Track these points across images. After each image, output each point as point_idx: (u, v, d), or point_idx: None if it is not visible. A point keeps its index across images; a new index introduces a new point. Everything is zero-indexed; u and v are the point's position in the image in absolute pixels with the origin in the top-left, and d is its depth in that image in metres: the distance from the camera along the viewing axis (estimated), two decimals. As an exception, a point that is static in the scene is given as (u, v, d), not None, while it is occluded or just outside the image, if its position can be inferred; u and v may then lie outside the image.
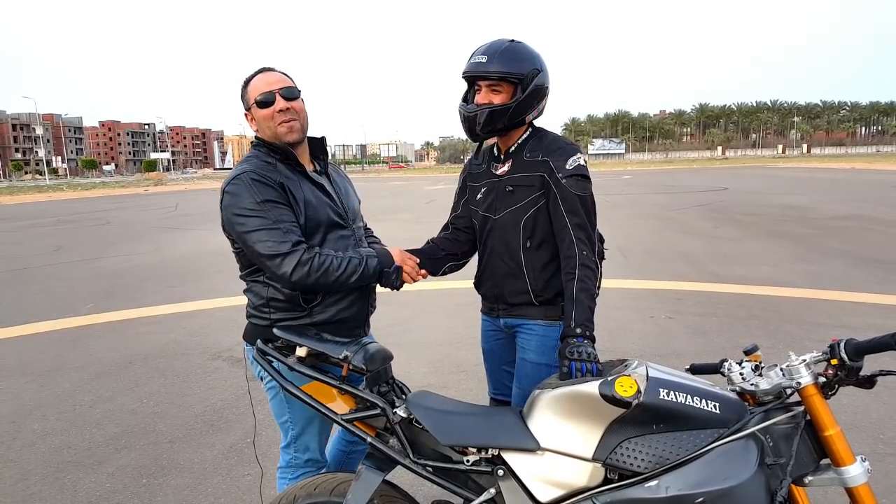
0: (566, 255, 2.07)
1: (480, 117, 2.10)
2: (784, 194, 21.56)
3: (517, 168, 2.19)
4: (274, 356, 1.89)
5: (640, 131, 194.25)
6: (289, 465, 2.24)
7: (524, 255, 2.18)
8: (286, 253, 1.90)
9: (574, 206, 2.08)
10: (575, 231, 2.06)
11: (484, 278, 2.34)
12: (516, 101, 2.08)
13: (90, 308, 7.28)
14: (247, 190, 1.95)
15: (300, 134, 2.08)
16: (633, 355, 4.88)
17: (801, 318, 5.80)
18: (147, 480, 3.22)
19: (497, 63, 2.05)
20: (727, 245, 10.52)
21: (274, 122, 2.03)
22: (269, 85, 2.05)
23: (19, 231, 17.30)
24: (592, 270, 2.04)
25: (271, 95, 2.03)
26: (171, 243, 13.07)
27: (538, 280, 2.17)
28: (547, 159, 2.12)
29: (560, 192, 2.09)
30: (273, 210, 1.94)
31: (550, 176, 2.11)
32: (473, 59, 2.10)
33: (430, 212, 18.81)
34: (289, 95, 2.05)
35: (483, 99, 2.11)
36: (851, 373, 1.55)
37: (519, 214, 2.17)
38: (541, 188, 2.13)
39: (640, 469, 1.59)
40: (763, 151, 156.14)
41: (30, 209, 27.22)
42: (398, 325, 5.98)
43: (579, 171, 2.11)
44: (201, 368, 4.95)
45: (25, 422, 4.01)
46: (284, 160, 2.06)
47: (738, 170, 50.11)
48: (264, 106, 2.03)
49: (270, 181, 1.98)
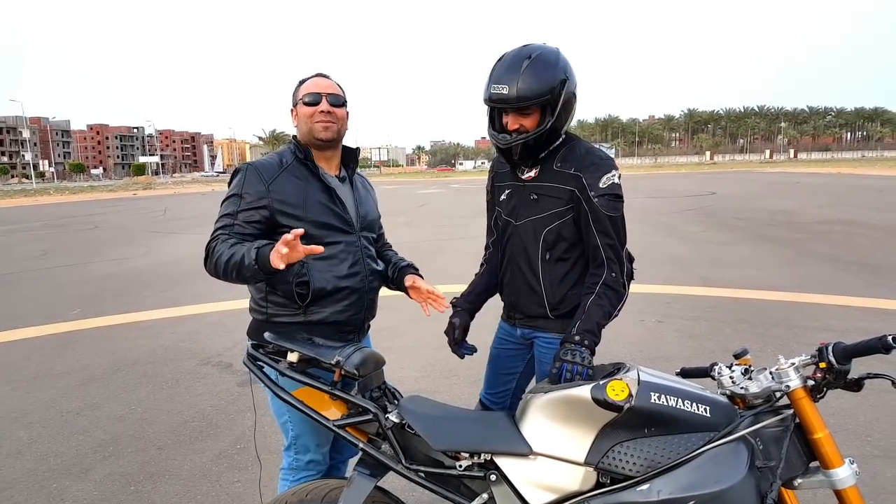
0: (594, 272, 2.06)
1: (516, 150, 2.04)
2: (772, 198, 21.75)
3: (545, 177, 2.12)
4: (265, 362, 1.88)
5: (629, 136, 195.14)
6: (290, 468, 2.23)
7: (542, 268, 2.14)
8: (208, 241, 2.05)
9: (606, 226, 2.03)
10: (606, 252, 2.04)
11: (503, 284, 2.31)
12: (549, 123, 1.99)
13: (77, 313, 7.22)
14: (238, 179, 2.11)
15: (334, 135, 2.19)
16: (623, 359, 4.89)
17: (789, 322, 5.85)
18: (135, 488, 3.19)
19: (520, 89, 1.94)
20: (716, 249, 10.59)
21: (312, 120, 2.16)
22: (319, 88, 2.18)
23: (4, 236, 17.13)
24: (615, 291, 2.03)
25: (318, 97, 2.16)
26: (161, 247, 12.96)
27: (555, 294, 2.14)
28: (580, 174, 2.04)
29: (592, 211, 2.03)
30: (238, 203, 2.07)
31: (582, 193, 2.04)
32: (492, 87, 1.99)
33: (423, 215, 18.80)
34: (334, 101, 2.19)
35: (514, 124, 2.03)
36: (839, 376, 1.56)
37: (541, 225, 2.12)
38: (569, 202, 2.07)
39: (631, 473, 1.59)
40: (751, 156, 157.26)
41: (16, 213, 26.97)
42: (390, 329, 5.97)
43: (613, 189, 2.03)
44: (191, 374, 4.92)
45: (10, 429, 3.96)
46: (304, 160, 2.17)
47: (726, 174, 50.47)
48: (310, 105, 2.16)
49: (262, 177, 2.10)
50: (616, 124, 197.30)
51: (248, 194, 2.07)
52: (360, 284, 2.20)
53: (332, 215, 2.16)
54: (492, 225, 2.40)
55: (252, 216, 2.06)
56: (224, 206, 2.09)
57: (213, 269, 2.02)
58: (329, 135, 2.17)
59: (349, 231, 2.20)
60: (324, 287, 2.11)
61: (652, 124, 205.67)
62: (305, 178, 2.15)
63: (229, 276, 1.97)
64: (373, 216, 2.36)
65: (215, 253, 1.99)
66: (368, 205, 2.35)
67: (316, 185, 2.16)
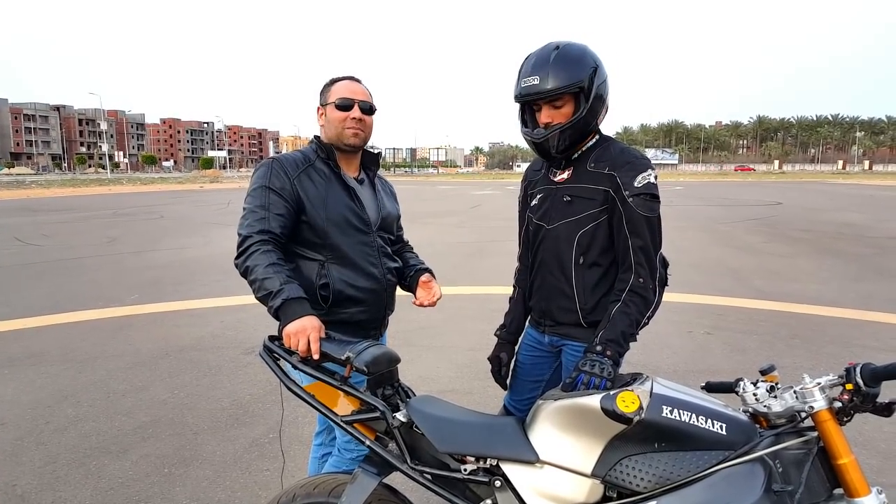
0: (622, 277, 2.00)
1: (553, 140, 1.99)
2: (841, 211, 20.76)
3: (578, 178, 2.07)
4: (279, 354, 1.89)
5: (694, 142, 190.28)
6: (345, 448, 2.24)
7: (576, 272, 2.08)
8: (244, 237, 2.02)
9: (639, 227, 1.96)
10: (636, 255, 1.96)
11: (533, 290, 2.26)
12: (584, 111, 1.95)
13: (135, 299, 7.50)
14: (263, 172, 2.12)
15: (363, 142, 2.23)
16: (666, 370, 4.77)
17: (846, 340, 5.56)
18: (168, 470, 3.28)
19: (552, 78, 1.92)
20: (776, 261, 10.18)
21: (343, 125, 2.17)
22: (352, 93, 2.19)
23: (77, 222, 17.98)
24: (643, 298, 1.95)
25: (351, 102, 2.18)
26: (221, 239, 13.39)
27: (588, 300, 2.08)
28: (614, 174, 1.99)
29: (626, 211, 1.96)
30: (267, 196, 2.07)
31: (616, 193, 1.98)
32: (523, 81, 1.98)
33: (475, 216, 18.78)
34: (365, 108, 2.21)
35: (546, 118, 2.00)
36: (867, 399, 1.47)
37: (575, 228, 2.06)
38: (603, 203, 2.01)
39: (639, 488, 1.54)
40: (822, 167, 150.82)
41: (89, 201, 28.28)
42: (430, 329, 5.98)
43: (649, 189, 1.96)
44: (234, 362, 5.04)
45: (60, 406, 4.14)
46: (326, 159, 2.19)
47: (794, 184, 48.59)
48: (342, 109, 2.18)
49: (287, 171, 2.11)
50: (681, 129, 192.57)
51: (274, 186, 2.09)
52: (379, 283, 2.23)
53: (352, 214, 2.18)
54: (523, 236, 2.34)
55: (279, 207, 2.07)
56: (251, 198, 2.10)
57: (242, 272, 2.01)
58: (358, 142, 2.20)
59: (366, 231, 2.22)
60: (343, 289, 2.14)
61: (718, 130, 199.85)
62: (327, 178, 2.18)
63: (250, 285, 1.98)
64: (392, 218, 2.39)
65: (251, 260, 1.96)
66: (388, 206, 2.37)
67: (337, 185, 2.19)
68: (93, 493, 3.07)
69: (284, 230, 2.07)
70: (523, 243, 2.34)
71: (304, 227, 2.12)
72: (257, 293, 1.94)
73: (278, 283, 1.89)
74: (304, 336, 1.79)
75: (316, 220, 2.11)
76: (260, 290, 1.92)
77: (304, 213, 2.11)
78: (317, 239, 2.13)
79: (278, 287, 1.88)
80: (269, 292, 1.89)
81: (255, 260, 1.96)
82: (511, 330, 2.36)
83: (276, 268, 1.93)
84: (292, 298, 1.87)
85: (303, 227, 2.13)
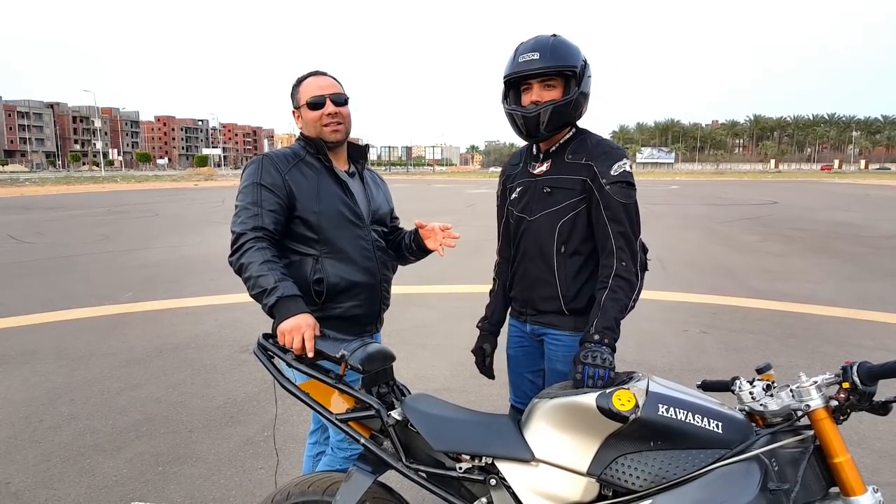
0: (604, 264, 2.02)
1: (544, 115, 2.02)
2: (836, 210, 20.82)
3: (557, 169, 2.12)
4: (274, 352, 1.88)
5: (690, 141, 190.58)
6: (339, 447, 2.23)
7: (557, 261, 2.12)
8: (238, 234, 2.01)
9: (617, 214, 2.00)
10: (616, 240, 2.00)
11: (515, 280, 2.29)
12: (577, 93, 2.02)
13: (129, 297, 7.47)
14: (254, 169, 2.10)
15: (343, 136, 2.21)
16: (661, 369, 4.77)
17: (842, 339, 5.57)
18: (163, 468, 3.26)
19: (550, 58, 1.99)
20: (771, 260, 10.20)
21: (321, 123, 2.16)
22: (320, 89, 2.17)
23: (70, 220, 17.90)
24: (628, 282, 1.98)
25: (322, 99, 2.16)
26: (215, 237, 13.35)
27: (570, 288, 2.11)
28: (591, 163, 2.05)
29: (603, 198, 2.02)
30: (259, 192, 2.05)
31: (594, 181, 2.04)
32: (521, 57, 2.03)
33: (471, 215, 18.76)
34: (338, 101, 2.18)
35: (536, 97, 2.04)
36: (864, 398, 1.46)
37: (555, 218, 2.10)
38: (582, 193, 2.07)
39: (634, 487, 1.53)
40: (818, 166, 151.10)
41: (83, 199, 28.17)
42: (425, 327, 5.97)
43: (624, 177, 2.03)
44: (228, 360, 5.02)
45: (54, 405, 4.12)
46: (316, 154, 2.18)
47: (790, 183, 48.71)
48: (314, 108, 2.16)
49: (278, 167, 2.10)
50: (677, 128, 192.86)
51: (265, 182, 2.08)
52: (374, 278, 2.22)
53: (345, 207, 2.17)
54: (502, 230, 2.39)
55: (271, 203, 2.06)
56: (242, 195, 2.09)
57: (236, 270, 2.00)
58: (339, 137, 2.20)
59: (360, 225, 2.20)
60: (338, 283, 2.13)
61: (714, 129, 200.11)
62: (318, 171, 2.17)
63: (244, 283, 1.96)
64: (384, 210, 2.37)
65: (246, 258, 1.94)
66: (379, 199, 2.36)
67: (329, 178, 2.18)
68: (87, 490, 3.05)
69: (278, 226, 2.06)
70: (503, 236, 2.40)
71: (297, 221, 2.11)
72: (251, 291, 1.93)
73: (272, 281, 1.88)
74: (299, 334, 1.78)
75: (309, 214, 2.10)
76: (254, 288, 1.91)
77: (297, 208, 2.10)
78: (310, 234, 2.12)
79: (272, 284, 1.87)
80: (263, 290, 1.88)
81: (249, 257, 1.94)
82: (493, 321, 2.41)
83: (271, 265, 1.92)
84: (287, 296, 1.86)
85: (296, 222, 2.11)
